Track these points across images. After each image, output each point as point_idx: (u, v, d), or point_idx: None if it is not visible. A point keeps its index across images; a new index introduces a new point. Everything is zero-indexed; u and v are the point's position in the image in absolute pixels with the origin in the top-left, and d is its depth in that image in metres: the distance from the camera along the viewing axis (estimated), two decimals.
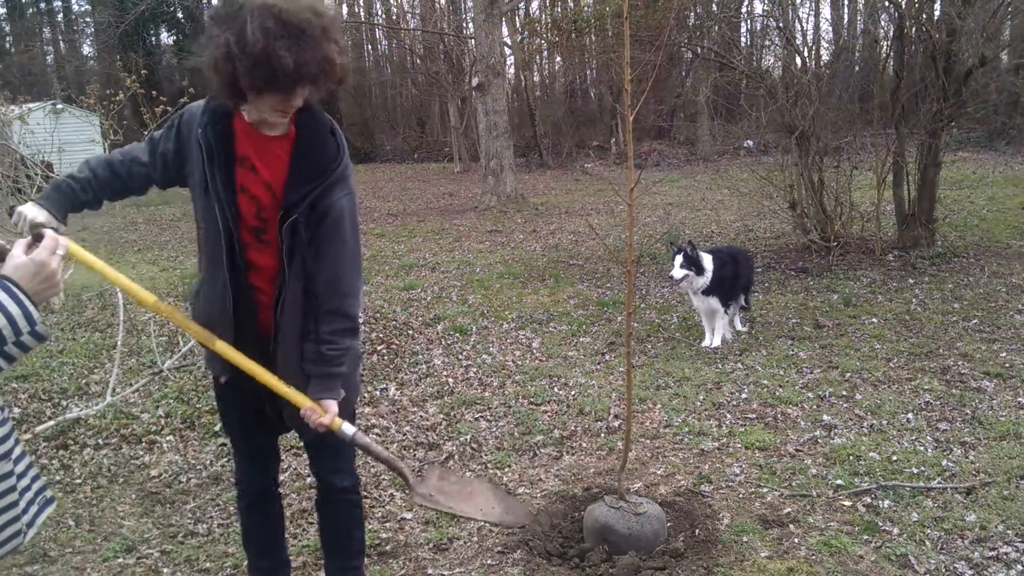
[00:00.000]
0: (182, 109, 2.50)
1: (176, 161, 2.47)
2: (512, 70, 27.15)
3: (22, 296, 1.74)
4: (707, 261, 6.18)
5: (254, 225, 2.42)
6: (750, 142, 19.34)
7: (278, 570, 2.99)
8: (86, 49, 37.41)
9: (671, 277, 6.21)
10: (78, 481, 4.37)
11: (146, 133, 7.67)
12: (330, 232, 2.41)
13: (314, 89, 2.26)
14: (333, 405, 2.48)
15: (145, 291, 2.37)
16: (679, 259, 6.12)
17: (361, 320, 2.80)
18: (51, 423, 5.04)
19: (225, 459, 4.60)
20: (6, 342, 1.69)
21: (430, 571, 3.34)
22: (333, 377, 2.49)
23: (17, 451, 1.93)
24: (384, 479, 4.26)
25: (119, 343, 6.01)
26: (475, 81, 15.90)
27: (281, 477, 4.33)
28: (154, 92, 9.78)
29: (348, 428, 2.51)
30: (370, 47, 36.09)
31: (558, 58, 29.67)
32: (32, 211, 2.32)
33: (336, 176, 2.40)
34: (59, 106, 18.84)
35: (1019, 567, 3.13)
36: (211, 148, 2.35)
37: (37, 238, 1.86)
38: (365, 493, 4.10)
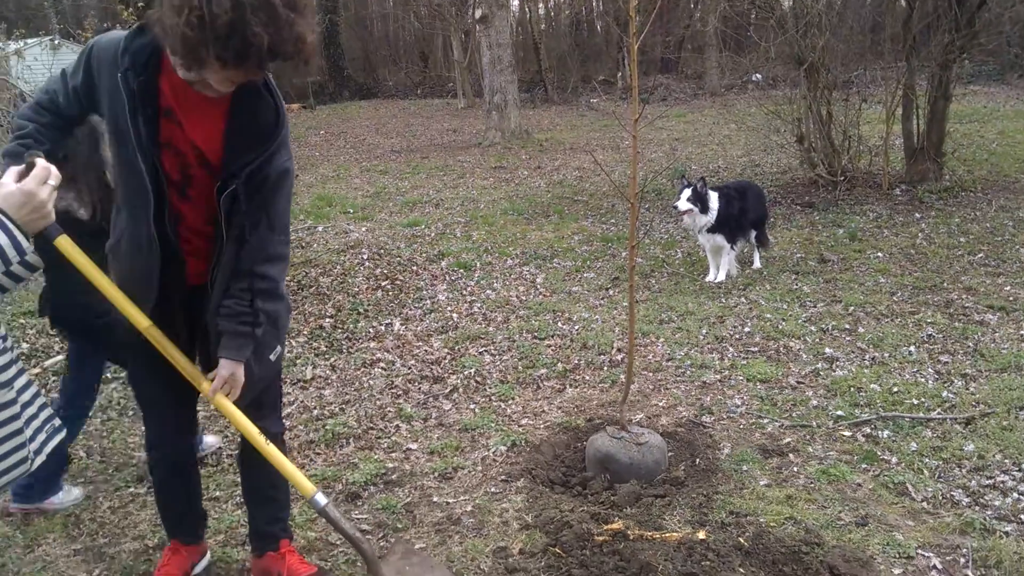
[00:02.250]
0: (92, 40, 2.29)
1: (87, 98, 2.27)
2: (516, 2, 26.59)
3: (11, 226, 1.73)
4: (713, 200, 6.14)
5: (177, 180, 2.28)
6: (758, 75, 19.03)
7: (199, 525, 2.91)
8: None
9: (675, 207, 6.19)
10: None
11: None
12: (269, 197, 2.31)
13: (281, 67, 2.09)
14: (228, 367, 2.33)
15: (140, 313, 2.28)
16: (687, 192, 6.09)
17: (291, 298, 2.61)
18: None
19: None
20: None
21: (435, 499, 3.40)
22: (239, 336, 2.34)
23: (21, 380, 1.94)
24: (389, 411, 4.32)
25: None
26: (478, 13, 15.59)
27: (288, 410, 4.40)
28: None
29: (321, 498, 2.47)
30: None
31: None
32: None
33: (278, 144, 2.27)
34: (56, 41, 18.56)
35: (1015, 495, 3.17)
36: (134, 98, 2.14)
37: (29, 167, 1.84)
38: (370, 425, 4.17)
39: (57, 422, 2.07)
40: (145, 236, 2.28)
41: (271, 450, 2.46)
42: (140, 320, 2.28)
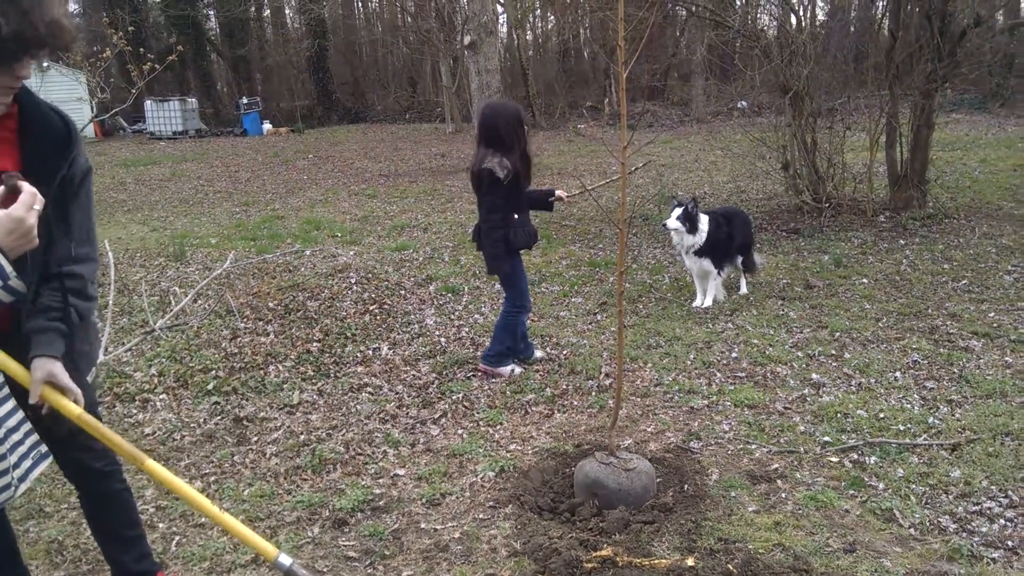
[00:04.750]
0: None
1: None
2: (505, 28, 26.83)
3: None
4: (703, 223, 6.18)
5: None
6: (744, 103, 19.24)
7: None
8: (72, 6, 36.76)
9: (664, 224, 6.25)
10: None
11: (133, 91, 7.57)
12: (75, 199, 2.27)
13: (41, 56, 2.07)
14: (43, 365, 2.14)
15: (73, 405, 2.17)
16: (678, 211, 6.13)
17: (100, 293, 2.39)
18: None
19: (219, 417, 4.63)
20: None
21: (423, 525, 3.38)
22: (49, 331, 2.20)
23: (7, 407, 1.93)
24: (377, 436, 4.30)
25: (110, 302, 6.00)
26: (467, 39, 15.71)
27: (274, 435, 4.37)
28: (141, 49, 9.64)
29: (285, 559, 2.34)
30: (360, 4, 35.64)
31: (551, 16, 29.34)
32: None
33: (76, 147, 2.26)
34: (45, 64, 18.59)
35: (1002, 521, 3.19)
36: None
37: (12, 191, 1.82)
38: (358, 450, 4.15)
39: (43, 449, 2.06)
40: None
41: (225, 517, 2.33)
42: (72, 409, 2.17)
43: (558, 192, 5.26)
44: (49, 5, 1.98)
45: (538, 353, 5.35)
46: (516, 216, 4.84)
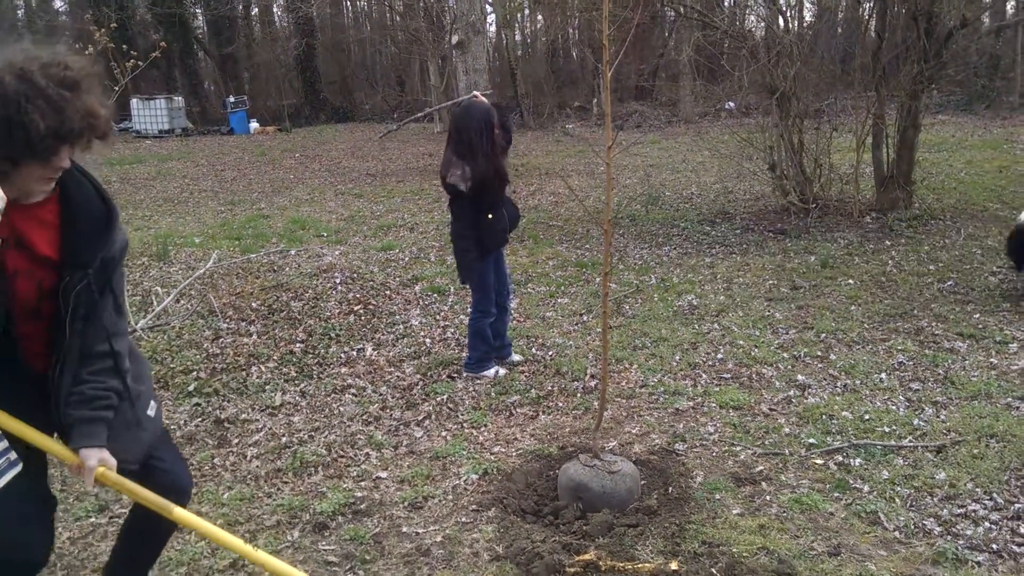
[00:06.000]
0: None
1: None
2: (493, 28, 26.80)
3: None
4: None
5: (33, 306, 2.15)
6: (731, 103, 19.25)
7: None
8: (57, 3, 36.51)
9: None
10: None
11: (116, 89, 7.49)
12: (113, 275, 2.27)
13: (79, 145, 2.03)
14: (94, 455, 2.18)
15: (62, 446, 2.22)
16: None
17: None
18: None
19: (199, 419, 4.57)
20: None
21: (405, 529, 3.34)
22: (95, 422, 2.22)
23: None
24: (359, 438, 4.25)
25: None
26: (455, 39, 15.66)
27: (256, 437, 4.32)
28: (125, 47, 9.53)
29: None
30: (348, 3, 35.53)
31: (539, 16, 29.32)
32: None
33: (115, 227, 2.24)
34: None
35: (987, 524, 3.18)
36: None
37: None
38: (340, 453, 4.10)
39: (12, 456, 2.01)
40: None
41: (260, 555, 2.37)
42: (120, 482, 2.25)
43: (476, 95, 5.16)
44: (84, 94, 1.95)
45: (515, 357, 5.28)
46: (491, 216, 4.76)
